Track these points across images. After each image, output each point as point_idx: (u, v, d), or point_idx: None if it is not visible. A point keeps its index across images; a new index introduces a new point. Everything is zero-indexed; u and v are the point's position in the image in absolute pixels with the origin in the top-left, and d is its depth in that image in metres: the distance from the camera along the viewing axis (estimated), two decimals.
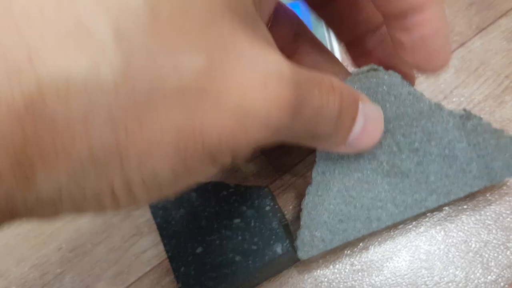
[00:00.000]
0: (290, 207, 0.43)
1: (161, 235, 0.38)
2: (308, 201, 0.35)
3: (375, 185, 0.35)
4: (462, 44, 0.46)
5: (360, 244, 0.41)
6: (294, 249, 0.37)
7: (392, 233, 0.41)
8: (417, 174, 0.35)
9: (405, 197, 0.35)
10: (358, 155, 0.34)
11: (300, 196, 0.42)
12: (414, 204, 0.35)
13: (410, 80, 0.33)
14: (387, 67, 0.33)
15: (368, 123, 0.28)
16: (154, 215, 0.39)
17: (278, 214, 0.38)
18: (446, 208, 0.40)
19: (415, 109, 0.33)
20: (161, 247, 0.42)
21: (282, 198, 0.43)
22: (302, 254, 0.36)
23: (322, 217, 0.35)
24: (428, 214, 0.41)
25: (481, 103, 0.44)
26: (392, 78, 0.32)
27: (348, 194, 0.35)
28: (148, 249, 0.42)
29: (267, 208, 0.37)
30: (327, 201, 0.35)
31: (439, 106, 0.34)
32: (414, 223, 0.41)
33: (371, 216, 0.35)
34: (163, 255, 0.41)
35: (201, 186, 0.39)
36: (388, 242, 0.41)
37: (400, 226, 0.41)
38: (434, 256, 0.40)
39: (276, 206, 0.38)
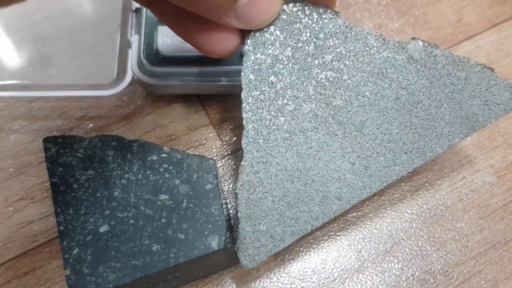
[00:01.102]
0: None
1: (55, 201, 0.28)
2: (244, 182, 0.27)
3: (324, 150, 0.27)
4: (470, 37, 0.38)
5: (317, 247, 0.32)
6: (235, 251, 0.27)
7: (361, 229, 0.32)
8: (375, 129, 0.27)
9: (367, 162, 0.27)
10: (294, 111, 0.27)
11: None
12: (381, 170, 0.28)
13: None
14: None
15: None
16: (51, 172, 0.28)
17: (222, 199, 0.28)
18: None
19: (353, 45, 0.27)
20: (54, 220, 0.32)
21: (228, 184, 0.34)
22: (246, 261, 0.27)
23: (265, 203, 0.27)
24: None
25: None
26: (316, 10, 0.26)
27: (293, 166, 0.27)
28: (37, 221, 0.33)
29: (208, 186, 0.28)
30: (267, 179, 0.27)
31: (381, 38, 0.27)
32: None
33: (329, 194, 0.27)
34: (55, 232, 0.33)
35: (123, 144, 0.28)
36: (352, 249, 0.32)
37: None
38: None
39: (220, 188, 0.28)
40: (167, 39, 0.33)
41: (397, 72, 0.27)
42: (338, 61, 0.27)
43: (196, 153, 0.34)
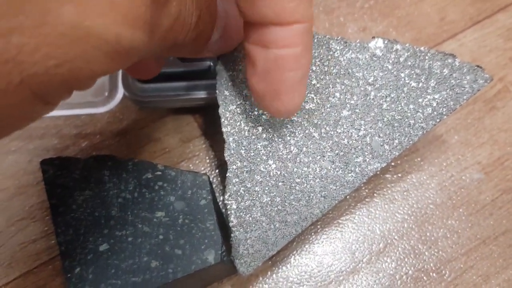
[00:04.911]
0: None
1: (55, 221, 0.29)
2: (231, 193, 0.28)
3: (304, 152, 0.28)
4: (453, 36, 0.39)
5: (312, 251, 0.33)
6: (232, 260, 0.28)
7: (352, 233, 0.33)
8: (349, 126, 0.29)
9: (347, 159, 0.29)
10: (271, 119, 0.28)
11: None
12: (361, 165, 0.29)
13: None
14: None
15: (228, 25, 0.25)
16: (50, 193, 0.29)
17: (216, 212, 0.29)
18: None
19: (317, 51, 0.29)
20: (55, 238, 0.32)
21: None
22: (243, 268, 0.28)
23: (254, 210, 0.28)
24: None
25: (469, 106, 0.37)
26: None
27: (276, 171, 0.28)
28: (39, 239, 0.34)
29: (202, 202, 0.29)
30: (253, 187, 0.28)
31: (343, 41, 0.29)
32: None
33: (314, 194, 0.28)
34: (57, 249, 0.33)
35: (118, 164, 0.29)
36: (347, 251, 0.33)
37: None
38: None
39: (215, 202, 0.29)
40: None
41: (362, 71, 0.29)
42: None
43: (190, 165, 0.35)
